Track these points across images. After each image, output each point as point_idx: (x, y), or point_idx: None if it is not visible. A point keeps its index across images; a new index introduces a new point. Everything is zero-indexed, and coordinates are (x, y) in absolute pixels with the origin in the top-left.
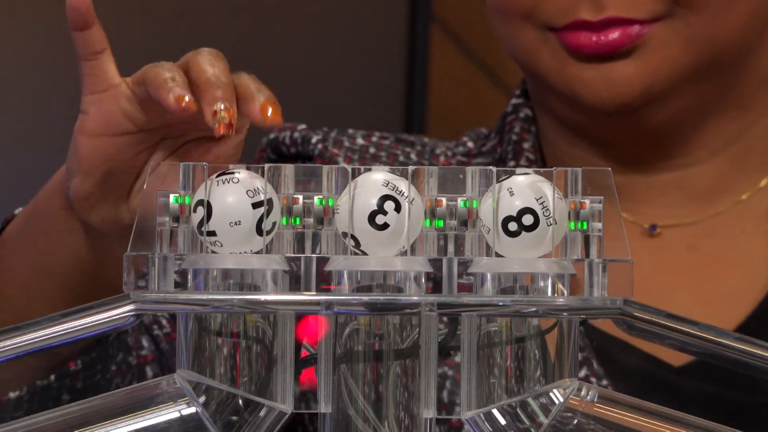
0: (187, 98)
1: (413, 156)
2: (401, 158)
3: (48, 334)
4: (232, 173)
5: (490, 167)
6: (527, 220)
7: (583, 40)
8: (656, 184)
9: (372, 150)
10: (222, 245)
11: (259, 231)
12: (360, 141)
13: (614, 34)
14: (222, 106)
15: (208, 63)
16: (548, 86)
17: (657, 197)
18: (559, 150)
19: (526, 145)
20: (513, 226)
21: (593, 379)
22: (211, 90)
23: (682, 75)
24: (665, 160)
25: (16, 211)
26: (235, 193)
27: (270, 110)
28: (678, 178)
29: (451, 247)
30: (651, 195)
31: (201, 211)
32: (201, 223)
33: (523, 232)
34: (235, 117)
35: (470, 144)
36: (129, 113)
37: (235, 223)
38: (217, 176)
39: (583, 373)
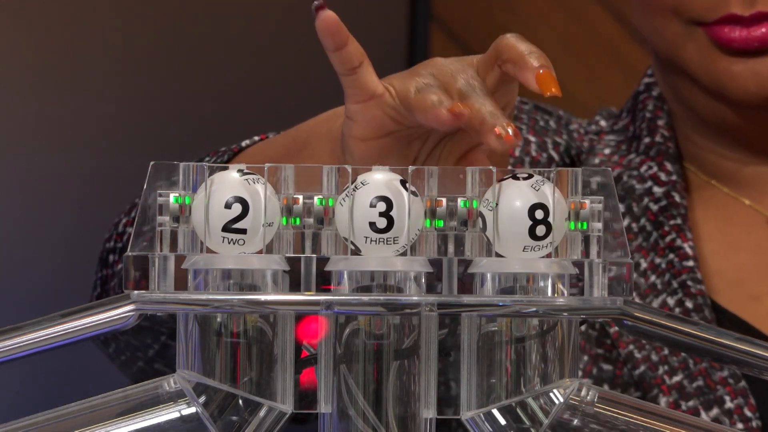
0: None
1: (552, 123)
2: (541, 123)
3: (48, 334)
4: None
5: (490, 167)
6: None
7: (734, 35)
8: None
9: (513, 112)
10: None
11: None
12: None
13: (762, 29)
14: (509, 132)
15: (474, 90)
16: (691, 79)
17: None
18: (687, 135)
19: (660, 123)
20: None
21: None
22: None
23: None
24: None
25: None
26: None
27: (548, 81)
28: None
29: (451, 247)
30: None
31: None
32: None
33: None
34: (516, 135)
35: (602, 122)
36: (395, 117)
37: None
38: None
39: None
